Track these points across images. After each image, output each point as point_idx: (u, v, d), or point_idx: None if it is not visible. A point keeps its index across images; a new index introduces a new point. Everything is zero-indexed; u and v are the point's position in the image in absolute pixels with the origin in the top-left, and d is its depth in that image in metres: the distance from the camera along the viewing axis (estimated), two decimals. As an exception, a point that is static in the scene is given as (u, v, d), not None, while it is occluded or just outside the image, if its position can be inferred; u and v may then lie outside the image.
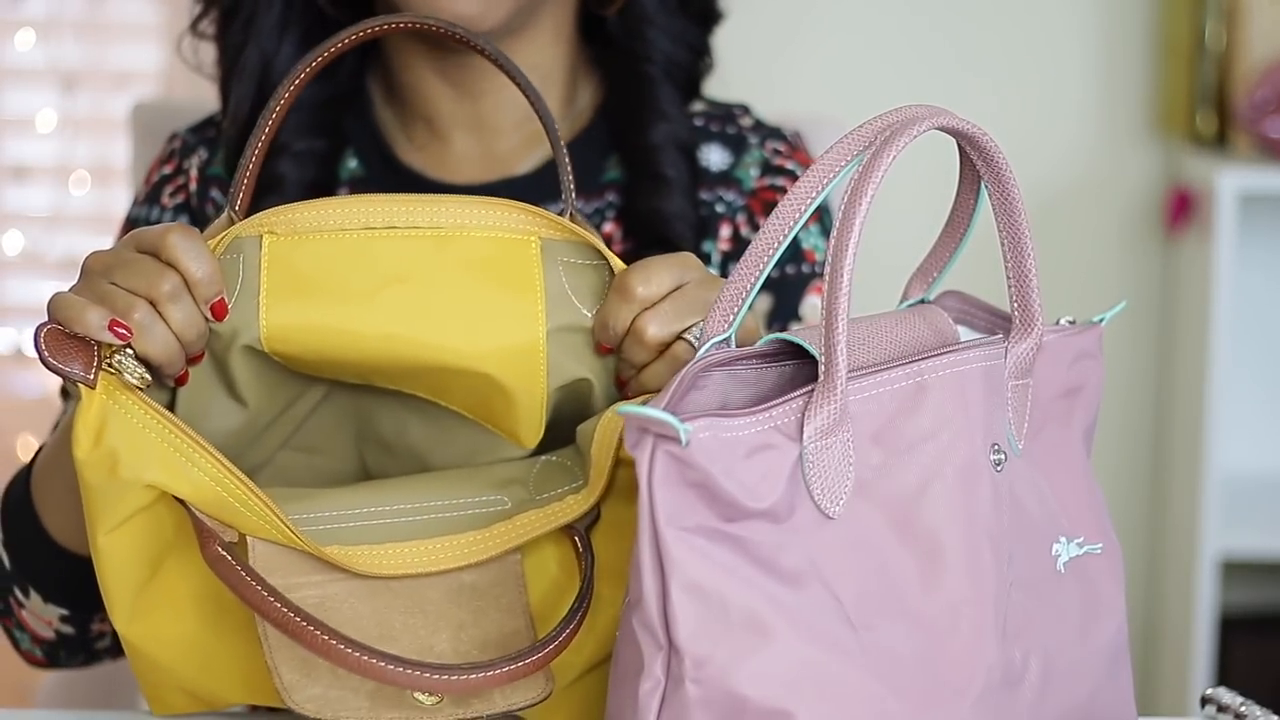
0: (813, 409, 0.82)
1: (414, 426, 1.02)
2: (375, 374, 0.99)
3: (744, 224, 1.29)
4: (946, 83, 2.43)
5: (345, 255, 0.96)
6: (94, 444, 0.90)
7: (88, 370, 0.90)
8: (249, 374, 0.98)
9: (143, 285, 0.93)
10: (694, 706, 0.80)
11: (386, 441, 1.03)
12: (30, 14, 2.59)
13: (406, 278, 0.96)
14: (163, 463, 0.90)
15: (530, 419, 0.98)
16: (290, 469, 1.03)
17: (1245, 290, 2.38)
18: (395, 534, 0.95)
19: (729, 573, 0.80)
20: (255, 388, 0.99)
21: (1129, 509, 2.48)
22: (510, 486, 0.97)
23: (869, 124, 0.86)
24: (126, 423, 0.90)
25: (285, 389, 1.01)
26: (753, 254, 0.86)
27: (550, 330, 0.96)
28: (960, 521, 0.86)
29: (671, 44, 1.29)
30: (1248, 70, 2.26)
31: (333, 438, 1.04)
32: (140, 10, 2.58)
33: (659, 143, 1.27)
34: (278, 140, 1.25)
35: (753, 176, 1.30)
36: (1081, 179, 2.46)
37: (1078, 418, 0.96)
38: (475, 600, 0.95)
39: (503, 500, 0.96)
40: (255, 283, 0.95)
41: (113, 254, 0.96)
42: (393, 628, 0.93)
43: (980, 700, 0.86)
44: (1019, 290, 0.91)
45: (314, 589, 0.92)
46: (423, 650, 0.92)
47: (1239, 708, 1.01)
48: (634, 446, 0.79)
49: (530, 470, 0.98)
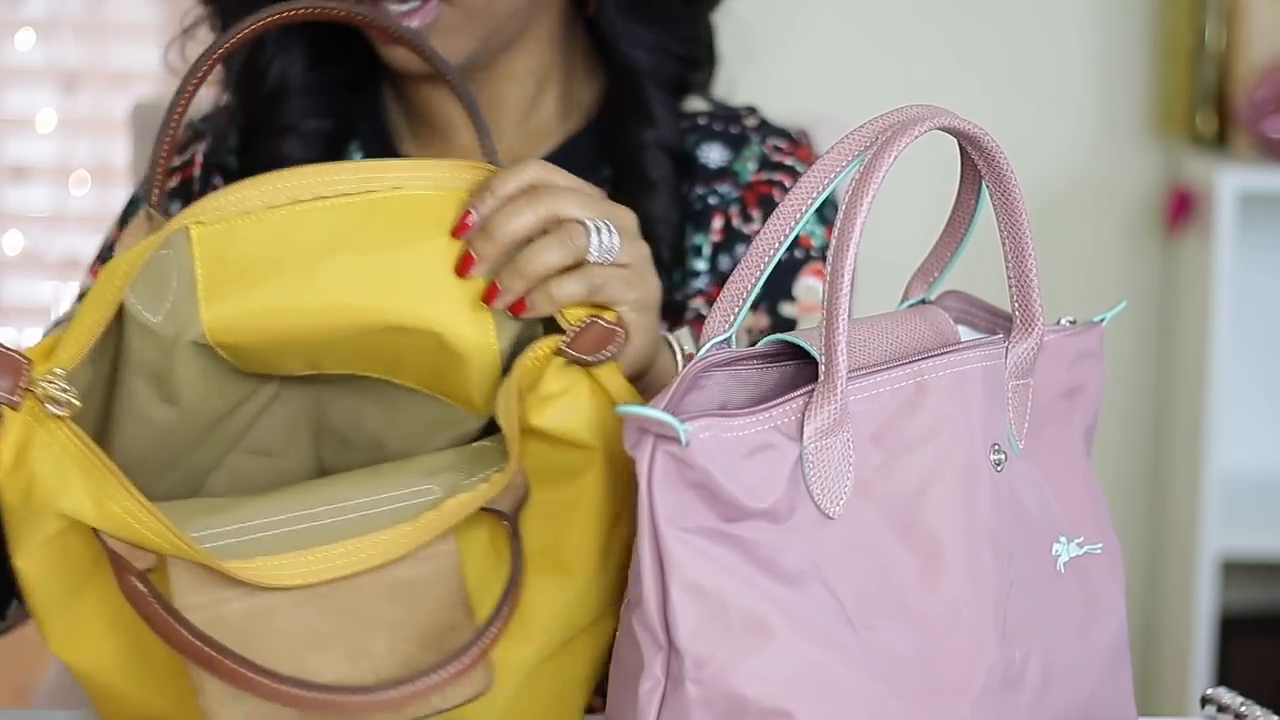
0: (813, 409, 0.82)
1: (370, 413, 1.00)
2: (325, 353, 0.96)
3: (736, 215, 1.29)
4: (947, 83, 2.43)
5: (277, 233, 0.93)
6: (15, 466, 0.88)
7: (12, 391, 0.88)
8: (194, 373, 0.95)
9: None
10: (694, 706, 0.80)
11: (342, 434, 1.01)
12: (30, 14, 2.59)
13: (343, 246, 0.93)
14: (77, 491, 0.88)
15: (483, 380, 0.95)
16: (246, 473, 1.01)
17: (1245, 290, 2.38)
18: (321, 536, 0.92)
19: (729, 573, 0.80)
20: (199, 387, 0.96)
21: (1129, 509, 2.48)
22: (441, 474, 0.94)
23: (870, 124, 0.86)
24: (47, 448, 0.88)
25: (233, 388, 0.98)
26: (753, 254, 0.86)
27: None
28: (960, 521, 0.86)
29: (653, 43, 1.29)
30: (1248, 70, 2.26)
31: (288, 438, 1.02)
32: (140, 10, 2.59)
33: (644, 144, 1.27)
34: (285, 121, 1.25)
35: (750, 170, 1.30)
36: (1081, 179, 2.46)
37: (1078, 418, 0.96)
38: (411, 596, 0.92)
39: (432, 489, 0.94)
40: (190, 276, 0.92)
41: None
42: (325, 634, 0.91)
43: (980, 700, 0.86)
44: (1019, 290, 0.91)
45: (240, 601, 0.90)
46: (358, 654, 0.91)
47: (1239, 708, 1.01)
48: (634, 446, 0.79)
49: (463, 456, 0.96)
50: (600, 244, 0.95)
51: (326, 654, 0.90)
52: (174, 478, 0.99)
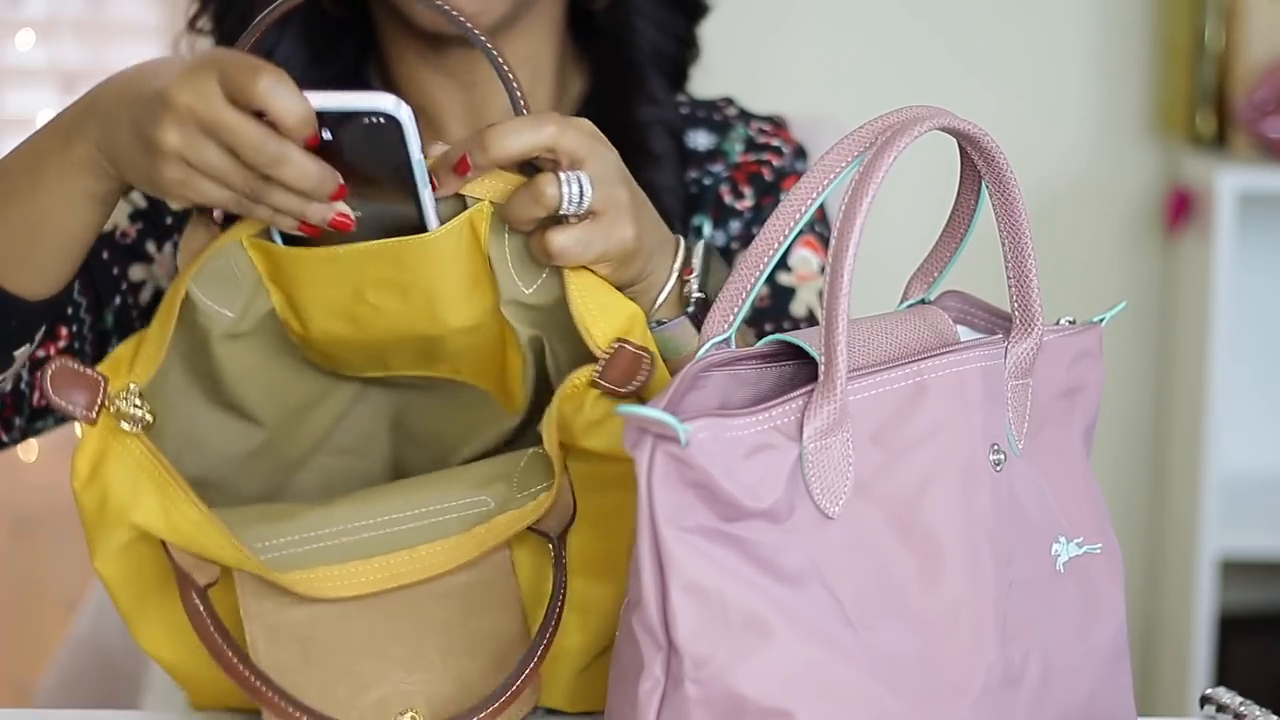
0: (812, 409, 0.82)
1: (437, 412, 1.04)
2: (389, 354, 1.00)
3: (727, 192, 1.32)
4: (946, 83, 2.43)
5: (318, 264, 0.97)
6: (90, 478, 0.92)
7: (90, 408, 0.92)
8: (264, 358, 1.00)
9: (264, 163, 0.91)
10: (694, 706, 0.80)
11: (413, 432, 1.05)
12: (30, 14, 2.59)
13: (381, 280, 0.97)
14: (148, 503, 0.92)
15: (515, 372, 1.00)
16: (331, 472, 1.05)
17: (1245, 290, 2.38)
18: (378, 546, 0.95)
19: (729, 573, 0.80)
20: (272, 374, 1.00)
21: (1129, 509, 2.48)
22: (493, 485, 0.97)
23: (870, 124, 0.86)
24: (121, 462, 0.92)
25: (309, 380, 1.02)
26: (753, 254, 0.86)
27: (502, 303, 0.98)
28: (960, 521, 0.86)
29: (658, 33, 1.32)
30: (1247, 70, 2.26)
31: (370, 439, 1.06)
32: (140, 10, 2.58)
33: (647, 121, 1.30)
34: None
35: (737, 151, 1.34)
36: (1081, 179, 2.46)
37: (1077, 418, 0.96)
38: (466, 600, 0.95)
39: (486, 501, 0.96)
40: (254, 270, 0.97)
41: (207, 106, 0.91)
42: (382, 642, 0.94)
43: (980, 700, 0.86)
44: (1019, 290, 0.91)
45: (301, 608, 0.93)
46: (413, 663, 0.93)
47: (1238, 708, 1.01)
48: (633, 446, 0.79)
49: (516, 465, 0.98)
50: (570, 195, 0.95)
51: (384, 662, 0.93)
52: (264, 469, 1.04)
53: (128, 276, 1.23)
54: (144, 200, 1.26)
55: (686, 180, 1.32)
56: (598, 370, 0.94)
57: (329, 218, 0.94)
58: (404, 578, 0.94)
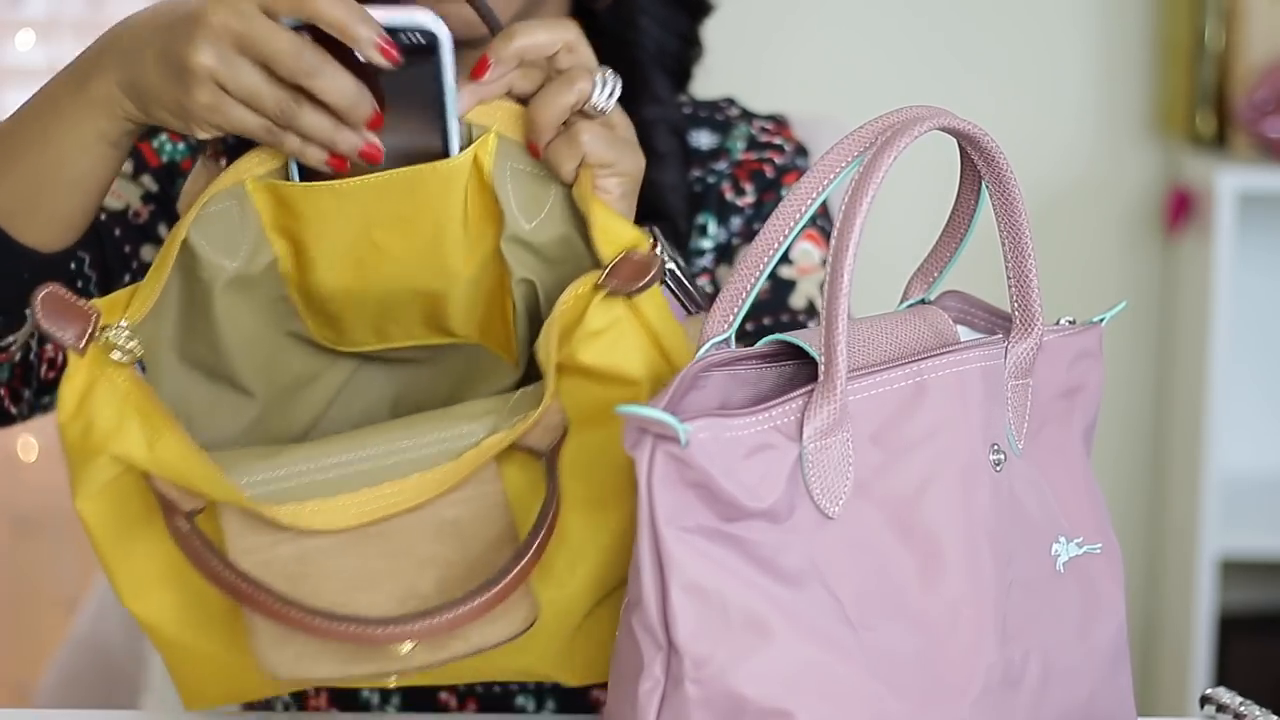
0: (812, 409, 0.82)
1: (438, 391, 1.04)
2: (388, 321, 1.00)
3: (729, 189, 1.33)
4: (946, 83, 2.43)
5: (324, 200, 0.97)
6: (77, 410, 0.90)
7: (79, 339, 0.90)
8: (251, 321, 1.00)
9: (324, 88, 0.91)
10: (694, 706, 0.80)
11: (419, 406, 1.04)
12: (30, 14, 2.59)
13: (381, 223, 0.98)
14: (132, 436, 0.90)
15: (511, 322, 1.00)
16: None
17: (1245, 290, 2.38)
18: (368, 479, 0.94)
19: (729, 573, 0.80)
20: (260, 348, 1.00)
21: (1129, 509, 2.48)
22: (485, 418, 0.96)
23: (870, 124, 0.86)
24: (108, 394, 0.90)
25: (296, 357, 1.02)
26: (753, 254, 0.86)
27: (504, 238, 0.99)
28: (960, 521, 0.86)
29: (662, 31, 1.33)
30: (1247, 70, 2.26)
31: (369, 422, 1.05)
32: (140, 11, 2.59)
33: (651, 120, 1.30)
34: None
35: (740, 149, 1.35)
36: (1081, 179, 2.46)
37: (1077, 418, 0.96)
38: (458, 536, 0.94)
39: (475, 431, 0.95)
40: (258, 218, 0.97)
41: (243, 20, 0.92)
42: (374, 576, 0.92)
43: (980, 700, 0.86)
44: (1019, 290, 0.91)
45: (290, 544, 0.92)
46: (406, 595, 0.92)
47: (1238, 708, 1.01)
48: (633, 446, 0.79)
49: (507, 401, 0.97)
50: (603, 83, 0.97)
51: (375, 595, 0.91)
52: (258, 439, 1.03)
53: (139, 256, 1.24)
54: (155, 184, 1.26)
55: (690, 179, 1.32)
56: (603, 274, 0.93)
57: (360, 146, 0.93)
58: (394, 507, 0.93)
